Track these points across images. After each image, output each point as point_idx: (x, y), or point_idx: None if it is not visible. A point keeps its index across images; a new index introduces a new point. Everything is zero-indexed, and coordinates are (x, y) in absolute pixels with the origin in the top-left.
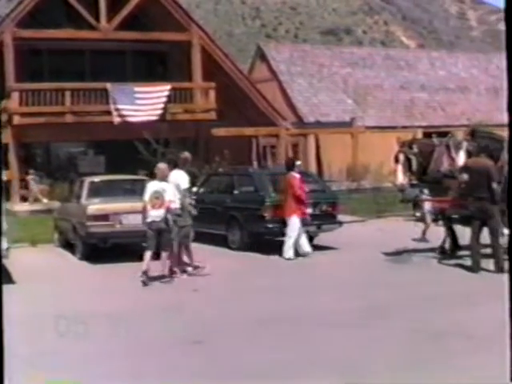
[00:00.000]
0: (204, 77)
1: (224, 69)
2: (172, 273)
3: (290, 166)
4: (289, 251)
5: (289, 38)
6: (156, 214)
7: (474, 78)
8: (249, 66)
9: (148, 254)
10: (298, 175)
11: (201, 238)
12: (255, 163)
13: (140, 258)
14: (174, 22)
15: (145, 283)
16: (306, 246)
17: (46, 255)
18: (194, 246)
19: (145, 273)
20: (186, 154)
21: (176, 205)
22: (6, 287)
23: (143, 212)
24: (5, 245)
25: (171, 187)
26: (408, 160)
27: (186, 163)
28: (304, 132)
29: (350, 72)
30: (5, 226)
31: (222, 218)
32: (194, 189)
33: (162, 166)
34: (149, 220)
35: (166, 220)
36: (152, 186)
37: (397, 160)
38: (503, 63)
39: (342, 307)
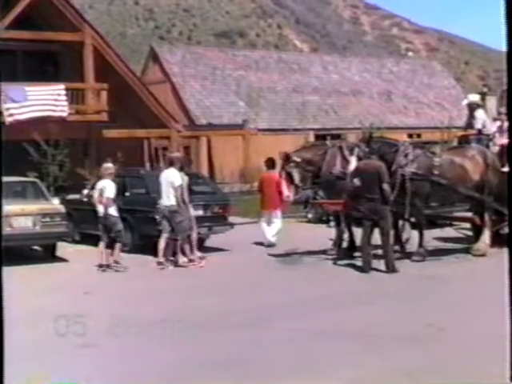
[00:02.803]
0: (96, 78)
1: (116, 70)
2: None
3: (271, 165)
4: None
5: (182, 40)
6: (101, 210)
7: (366, 81)
8: (142, 68)
9: (101, 245)
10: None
11: (91, 240)
12: (147, 165)
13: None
14: (66, 22)
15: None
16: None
17: None
18: (86, 248)
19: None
20: (178, 154)
21: (172, 201)
22: None
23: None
24: None
25: (111, 185)
26: (289, 174)
27: (178, 162)
28: (196, 134)
29: (243, 74)
30: None
31: None
32: (85, 191)
33: (106, 165)
34: (98, 215)
35: (105, 215)
36: (98, 185)
37: (281, 176)
38: (395, 67)
39: (230, 309)
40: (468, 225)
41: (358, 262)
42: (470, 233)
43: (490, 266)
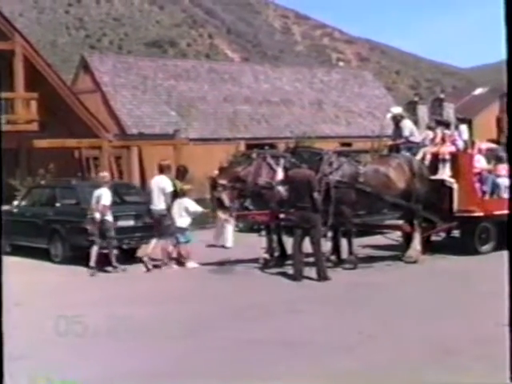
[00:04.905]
0: (26, 87)
1: (47, 79)
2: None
3: None
4: None
5: (113, 49)
6: (97, 217)
7: (297, 91)
8: (72, 77)
9: (94, 249)
10: None
11: (22, 251)
12: (79, 175)
13: None
14: None
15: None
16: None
17: None
18: (16, 260)
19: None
20: (168, 162)
21: (162, 206)
22: None
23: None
24: None
25: (107, 193)
26: (218, 199)
27: (168, 170)
28: (127, 144)
29: (174, 84)
30: None
31: (44, 232)
32: (15, 202)
33: (102, 174)
34: (95, 221)
35: (101, 221)
36: (96, 193)
37: (211, 201)
38: (326, 77)
39: (163, 319)
40: (399, 232)
41: (290, 271)
42: (401, 239)
43: (421, 273)
